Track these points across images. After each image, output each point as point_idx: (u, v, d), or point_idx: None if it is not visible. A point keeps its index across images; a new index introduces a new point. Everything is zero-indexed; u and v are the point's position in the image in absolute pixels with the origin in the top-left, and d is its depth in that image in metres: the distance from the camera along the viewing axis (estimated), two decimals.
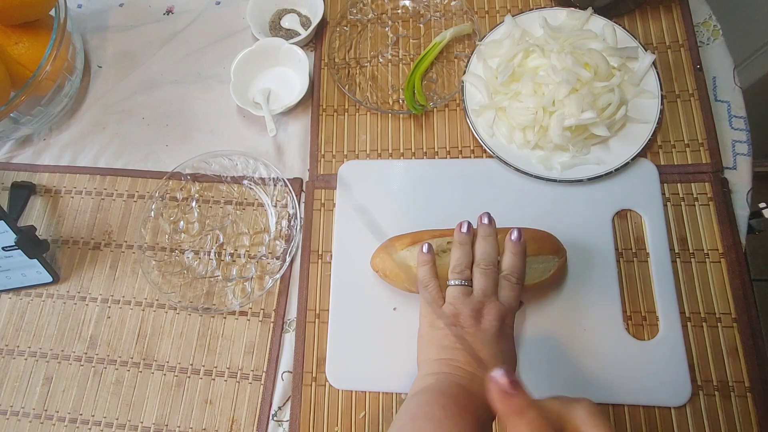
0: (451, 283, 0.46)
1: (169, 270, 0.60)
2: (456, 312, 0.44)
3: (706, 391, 0.50)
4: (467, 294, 0.45)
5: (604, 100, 0.55)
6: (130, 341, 0.58)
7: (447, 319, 0.44)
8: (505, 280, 0.46)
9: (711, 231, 0.54)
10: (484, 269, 0.46)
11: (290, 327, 0.57)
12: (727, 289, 0.52)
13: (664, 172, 0.56)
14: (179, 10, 0.75)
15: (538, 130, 0.56)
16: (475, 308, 0.43)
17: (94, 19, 0.76)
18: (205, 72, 0.70)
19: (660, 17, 0.63)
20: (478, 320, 0.43)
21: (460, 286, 0.45)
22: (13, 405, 0.57)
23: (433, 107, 0.63)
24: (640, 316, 0.52)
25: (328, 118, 0.64)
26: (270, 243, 0.60)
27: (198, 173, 0.64)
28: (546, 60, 0.57)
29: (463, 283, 0.45)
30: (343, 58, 0.67)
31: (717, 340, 0.51)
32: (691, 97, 0.59)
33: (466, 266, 0.46)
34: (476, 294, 0.45)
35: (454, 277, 0.46)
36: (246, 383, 0.55)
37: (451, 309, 0.44)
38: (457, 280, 0.46)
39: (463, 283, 0.45)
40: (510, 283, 0.46)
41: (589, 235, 0.55)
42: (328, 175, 0.62)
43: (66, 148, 0.68)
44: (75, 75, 0.68)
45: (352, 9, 0.69)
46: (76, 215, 0.64)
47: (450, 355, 0.42)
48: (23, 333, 0.60)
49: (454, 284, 0.46)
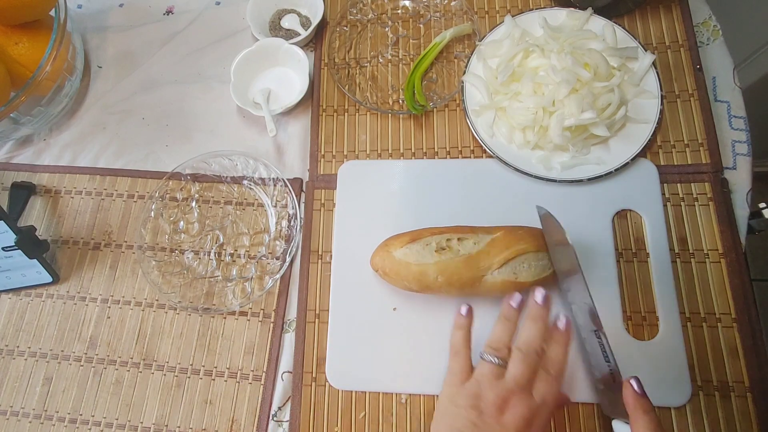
0: (484, 357, 0.41)
1: (169, 270, 0.60)
2: (480, 393, 0.39)
3: (705, 391, 0.50)
4: (498, 375, 0.40)
5: (604, 100, 0.55)
6: (130, 341, 0.58)
7: (467, 399, 0.39)
8: (545, 371, 0.41)
9: (711, 231, 0.54)
10: (524, 354, 0.41)
11: (290, 327, 0.57)
12: (727, 289, 0.52)
13: (664, 172, 0.56)
14: (179, 11, 0.75)
15: (538, 130, 0.56)
16: (502, 396, 0.39)
17: (94, 20, 0.76)
18: (205, 72, 0.70)
19: (660, 17, 0.63)
20: (501, 411, 0.38)
21: (492, 365, 0.41)
22: (13, 405, 0.57)
23: (433, 107, 0.63)
24: (639, 316, 0.52)
25: (328, 118, 0.64)
26: (270, 243, 0.60)
27: (198, 173, 0.64)
28: (546, 60, 0.57)
29: (498, 362, 0.41)
30: (343, 58, 0.67)
31: (717, 340, 0.51)
32: (691, 97, 0.59)
33: (505, 345, 0.42)
34: (508, 379, 0.40)
35: (490, 353, 0.41)
36: (246, 383, 0.55)
37: (475, 389, 0.40)
38: (492, 356, 0.41)
39: (498, 362, 0.41)
40: (549, 376, 0.41)
41: (589, 235, 0.55)
42: (328, 175, 0.62)
43: (66, 148, 0.68)
44: (75, 75, 0.68)
45: (352, 9, 0.69)
46: (76, 215, 0.64)
47: None
48: (23, 333, 0.60)
49: (486, 360, 0.41)
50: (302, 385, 0.54)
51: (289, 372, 0.55)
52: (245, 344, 0.56)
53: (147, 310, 0.59)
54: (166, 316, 0.59)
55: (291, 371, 0.55)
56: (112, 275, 0.61)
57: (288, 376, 0.55)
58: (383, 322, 0.54)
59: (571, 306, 0.50)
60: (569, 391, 0.50)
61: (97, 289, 0.61)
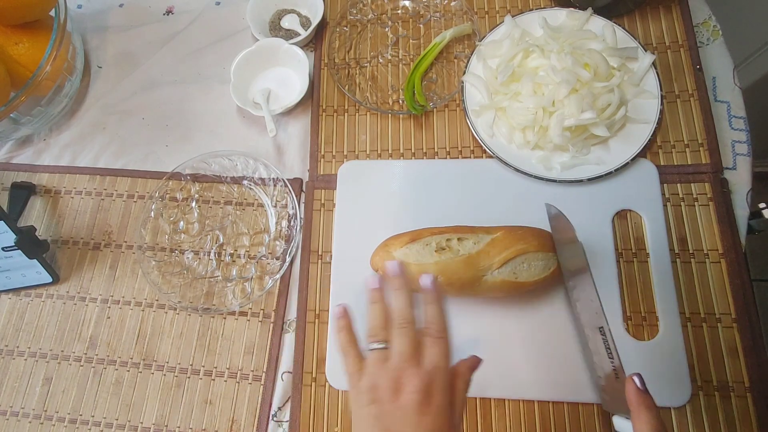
0: (369, 348, 0.40)
1: (169, 270, 0.60)
2: (374, 384, 0.38)
3: (705, 391, 0.50)
4: (385, 359, 0.39)
5: (603, 100, 0.55)
6: (129, 341, 0.58)
7: (366, 395, 0.38)
8: (426, 336, 0.40)
9: (711, 231, 0.54)
10: (399, 328, 0.40)
11: (290, 327, 0.57)
12: (727, 290, 0.52)
13: (664, 173, 0.56)
14: (179, 11, 0.75)
15: (537, 130, 0.56)
16: (393, 377, 0.38)
17: (94, 20, 0.76)
18: (205, 72, 0.70)
19: (660, 17, 0.63)
20: (396, 393, 0.37)
21: (377, 351, 0.39)
22: (12, 405, 0.57)
23: (432, 107, 0.63)
24: (639, 316, 0.52)
25: (328, 118, 0.64)
26: (270, 243, 0.60)
27: (198, 173, 0.64)
28: (546, 60, 0.57)
29: (381, 346, 0.40)
30: (343, 59, 0.67)
31: (717, 341, 0.51)
32: (691, 97, 0.59)
33: (381, 327, 0.40)
34: (393, 359, 0.39)
35: (370, 341, 0.40)
36: (246, 383, 0.55)
37: (369, 382, 0.38)
38: (373, 343, 0.40)
39: (381, 346, 0.40)
40: (432, 338, 0.39)
41: (589, 236, 0.54)
42: (328, 175, 0.62)
43: (66, 149, 0.68)
44: (75, 75, 0.68)
45: (352, 9, 0.69)
46: (76, 215, 0.64)
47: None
48: (23, 333, 0.60)
49: (371, 348, 0.40)
50: (302, 385, 0.54)
51: (289, 372, 0.55)
52: (245, 344, 0.56)
53: (147, 310, 0.59)
54: (166, 316, 0.59)
55: (291, 371, 0.55)
56: (112, 275, 0.61)
57: (288, 376, 0.55)
58: None
59: (576, 303, 0.50)
60: (569, 391, 0.50)
61: (97, 289, 0.61)
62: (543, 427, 0.50)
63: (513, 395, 0.51)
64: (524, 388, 0.51)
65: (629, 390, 0.41)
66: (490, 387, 0.51)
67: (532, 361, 0.51)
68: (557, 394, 0.50)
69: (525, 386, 0.51)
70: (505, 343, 0.52)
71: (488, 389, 0.51)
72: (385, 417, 0.37)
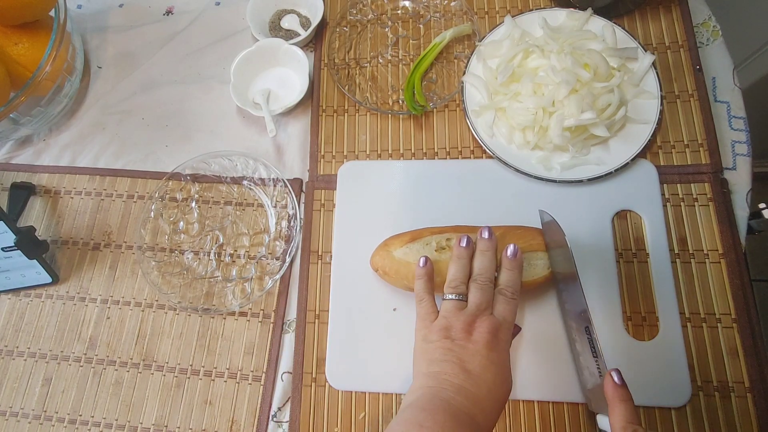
0: (447, 297, 0.45)
1: (169, 270, 0.60)
2: (448, 325, 0.43)
3: (705, 392, 0.50)
4: (461, 308, 0.44)
5: (603, 100, 0.55)
6: (129, 342, 0.58)
7: (439, 333, 0.43)
8: (501, 295, 0.45)
9: (711, 231, 0.54)
10: (480, 284, 0.45)
11: (290, 327, 0.57)
12: (727, 290, 0.52)
13: (664, 173, 0.56)
14: (179, 11, 0.75)
15: (537, 130, 0.56)
16: (468, 321, 0.43)
17: (94, 20, 0.76)
18: (204, 72, 0.70)
19: (659, 18, 0.63)
20: (469, 333, 0.42)
21: (454, 300, 0.45)
22: (12, 406, 0.57)
23: (432, 108, 0.63)
24: (639, 316, 0.52)
25: (328, 118, 0.64)
26: (270, 243, 0.60)
27: (198, 174, 0.64)
28: (546, 60, 0.57)
29: (458, 297, 0.45)
30: (342, 59, 0.67)
31: (717, 341, 0.51)
32: (691, 97, 0.59)
33: (461, 281, 0.46)
34: (470, 308, 0.44)
35: (449, 291, 0.45)
36: (246, 384, 0.55)
37: (444, 322, 0.44)
38: (453, 294, 0.45)
39: (458, 297, 0.45)
40: (505, 297, 0.45)
41: (589, 236, 0.55)
42: (328, 175, 0.62)
43: (66, 149, 0.68)
44: (75, 75, 0.68)
45: (352, 9, 0.69)
46: (75, 216, 0.64)
47: (438, 367, 0.41)
48: (23, 334, 0.60)
49: (449, 298, 0.45)
50: (302, 385, 0.54)
51: (289, 372, 0.55)
52: (245, 345, 0.56)
53: (147, 310, 0.59)
54: (165, 316, 0.59)
55: (291, 372, 0.55)
56: (112, 276, 0.61)
57: (288, 377, 0.55)
58: (383, 322, 0.54)
59: (565, 305, 0.51)
60: (569, 392, 0.50)
61: (96, 290, 0.61)
62: (543, 427, 0.50)
63: (513, 395, 0.51)
64: (524, 388, 0.51)
65: (607, 384, 0.43)
66: None
67: (532, 361, 0.51)
68: (557, 394, 0.50)
69: (525, 386, 0.51)
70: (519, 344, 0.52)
71: None
72: (458, 349, 0.42)
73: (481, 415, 0.39)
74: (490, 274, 0.46)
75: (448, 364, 0.41)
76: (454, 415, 0.38)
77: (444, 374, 0.41)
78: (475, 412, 0.39)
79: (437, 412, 0.38)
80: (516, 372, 0.51)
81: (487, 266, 0.46)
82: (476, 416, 0.39)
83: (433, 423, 0.37)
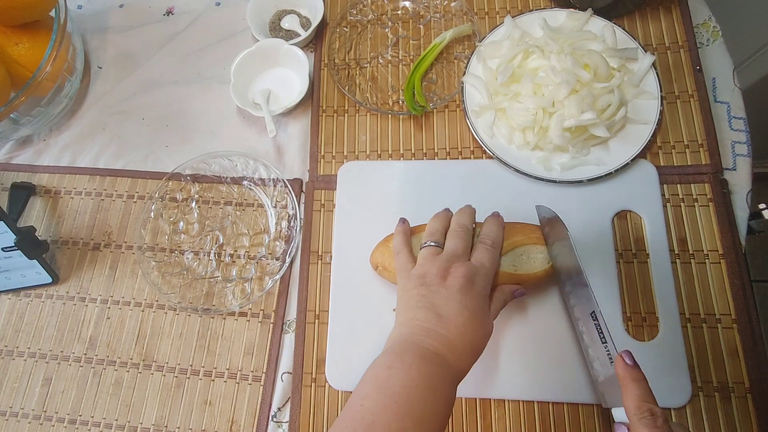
0: (424, 244, 0.47)
1: (169, 271, 0.60)
2: (424, 272, 0.44)
3: (705, 392, 0.50)
4: (437, 254, 0.45)
5: (603, 101, 0.55)
6: (129, 342, 0.58)
7: (415, 280, 0.44)
8: (480, 243, 0.46)
9: (711, 232, 0.54)
10: (456, 231, 0.46)
11: (290, 328, 0.57)
12: (727, 290, 0.52)
13: (664, 173, 0.56)
14: (179, 11, 0.75)
15: (537, 130, 0.56)
16: (443, 267, 0.43)
17: (94, 20, 0.76)
18: (205, 73, 0.70)
19: (659, 18, 0.63)
20: (443, 278, 0.43)
21: (431, 247, 0.46)
22: (12, 406, 0.57)
23: (432, 108, 0.63)
24: (639, 317, 0.52)
25: (328, 118, 0.64)
26: (270, 244, 0.60)
27: (198, 174, 0.64)
28: (546, 61, 0.57)
29: (435, 244, 0.46)
30: (343, 59, 0.67)
31: (717, 341, 0.51)
32: (691, 98, 0.59)
33: (440, 231, 0.47)
34: (445, 253, 0.45)
35: (427, 239, 0.47)
36: (245, 384, 0.55)
37: (420, 270, 0.44)
38: (430, 241, 0.46)
39: (435, 244, 0.46)
40: (485, 246, 0.46)
41: (589, 236, 0.55)
42: (328, 175, 0.62)
43: (66, 149, 0.68)
44: (75, 76, 0.68)
45: (352, 10, 0.69)
46: (75, 216, 0.64)
47: (412, 314, 0.42)
48: (23, 334, 0.60)
49: (425, 245, 0.46)
50: (302, 385, 0.54)
51: (289, 373, 0.55)
52: (245, 345, 0.56)
53: (147, 310, 0.59)
54: (165, 316, 0.59)
55: (291, 372, 0.55)
56: (112, 276, 0.61)
57: (288, 377, 0.55)
58: (383, 322, 0.54)
59: (569, 297, 0.50)
60: (569, 392, 0.50)
61: (96, 290, 0.61)
62: (543, 427, 0.50)
63: (513, 395, 0.51)
64: (524, 389, 0.51)
65: (618, 366, 0.41)
66: (490, 387, 0.51)
67: (531, 361, 0.51)
68: (557, 395, 0.50)
69: (525, 386, 0.51)
70: (504, 343, 0.52)
71: (488, 389, 0.51)
72: (431, 295, 0.42)
73: (453, 357, 0.40)
74: (468, 223, 0.47)
75: (421, 310, 0.42)
76: (422, 356, 0.39)
77: (417, 320, 0.42)
78: (446, 353, 0.40)
79: (406, 354, 0.39)
80: (522, 372, 0.51)
81: (465, 218, 0.47)
82: (447, 357, 0.40)
83: (401, 364, 0.38)
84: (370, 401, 0.37)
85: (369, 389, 0.38)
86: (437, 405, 0.37)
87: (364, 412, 0.36)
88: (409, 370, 0.38)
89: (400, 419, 0.36)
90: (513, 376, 0.51)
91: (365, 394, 0.37)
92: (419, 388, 0.37)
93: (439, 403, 0.38)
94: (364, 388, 0.38)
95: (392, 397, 0.36)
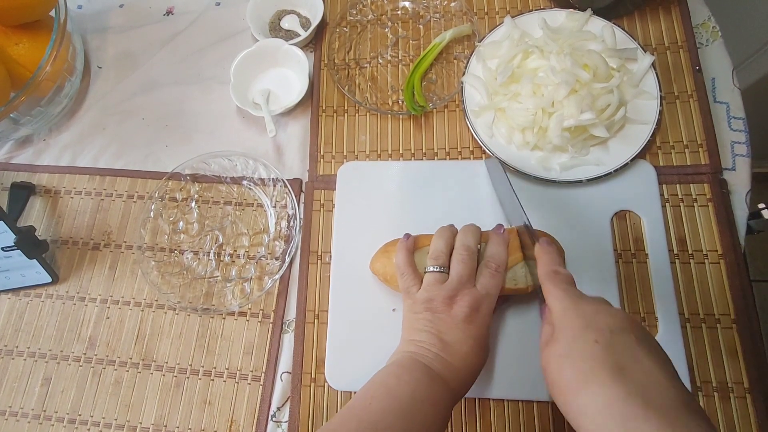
0: (428, 269, 0.47)
1: (169, 270, 0.60)
2: (430, 297, 0.45)
3: (705, 392, 0.50)
4: (442, 281, 0.45)
5: (603, 101, 0.55)
6: (129, 342, 0.58)
7: (422, 305, 0.45)
8: (486, 267, 0.46)
9: (710, 232, 0.54)
10: (462, 256, 0.46)
11: (289, 328, 0.57)
12: (726, 290, 0.52)
13: (663, 173, 0.57)
14: (179, 11, 0.75)
15: (537, 131, 0.56)
16: (449, 294, 0.44)
17: (94, 20, 0.76)
18: (204, 73, 0.70)
19: (659, 18, 0.63)
20: (450, 305, 0.44)
21: (435, 273, 0.46)
22: (12, 405, 0.57)
23: (432, 108, 0.63)
24: (639, 317, 0.52)
25: (328, 118, 0.64)
26: (269, 243, 0.60)
27: (197, 174, 0.64)
28: (545, 61, 0.57)
29: (440, 269, 0.46)
30: (342, 59, 0.67)
31: (716, 341, 0.51)
32: (690, 98, 0.59)
33: (444, 254, 0.47)
34: (451, 280, 0.45)
35: (431, 263, 0.47)
36: (245, 384, 0.55)
37: (426, 295, 0.45)
38: (434, 266, 0.46)
39: (440, 269, 0.46)
40: (489, 270, 0.46)
41: (588, 236, 0.55)
42: (328, 175, 0.62)
43: (66, 149, 0.68)
44: (75, 76, 0.68)
45: (352, 10, 0.69)
46: (75, 216, 0.64)
47: (419, 337, 0.44)
48: (22, 333, 0.60)
49: (430, 270, 0.46)
50: (301, 385, 0.54)
51: (288, 372, 0.55)
52: (244, 345, 0.56)
53: (146, 310, 0.59)
54: (165, 316, 0.59)
55: (290, 372, 0.55)
56: (112, 275, 0.61)
57: (287, 377, 0.55)
58: (383, 322, 0.54)
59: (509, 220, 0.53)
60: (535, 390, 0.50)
61: (96, 290, 0.61)
62: (542, 427, 0.50)
63: (512, 395, 0.51)
64: (524, 389, 0.51)
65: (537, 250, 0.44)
66: (489, 387, 0.51)
67: (531, 361, 0.51)
68: None
69: (524, 386, 0.51)
70: (503, 343, 0.52)
71: (487, 389, 0.51)
72: (437, 321, 0.44)
73: (455, 382, 0.42)
74: (471, 246, 0.47)
75: (428, 334, 0.44)
76: (429, 376, 0.41)
77: (423, 342, 0.43)
78: (450, 378, 0.42)
79: (414, 370, 0.41)
80: (521, 373, 0.51)
81: (470, 240, 0.47)
82: (450, 382, 0.42)
83: (410, 377, 0.41)
84: (378, 402, 0.39)
85: (378, 392, 0.40)
86: (437, 419, 0.40)
87: (371, 410, 0.39)
88: (418, 383, 0.40)
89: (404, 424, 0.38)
90: (512, 376, 0.51)
91: (374, 396, 0.40)
92: (424, 402, 0.40)
93: (439, 417, 0.40)
94: (373, 391, 0.40)
95: (399, 404, 0.39)
